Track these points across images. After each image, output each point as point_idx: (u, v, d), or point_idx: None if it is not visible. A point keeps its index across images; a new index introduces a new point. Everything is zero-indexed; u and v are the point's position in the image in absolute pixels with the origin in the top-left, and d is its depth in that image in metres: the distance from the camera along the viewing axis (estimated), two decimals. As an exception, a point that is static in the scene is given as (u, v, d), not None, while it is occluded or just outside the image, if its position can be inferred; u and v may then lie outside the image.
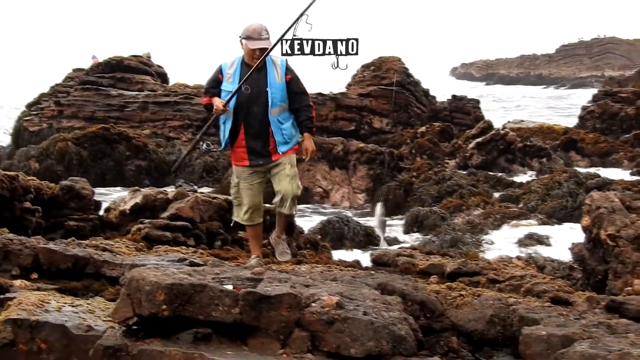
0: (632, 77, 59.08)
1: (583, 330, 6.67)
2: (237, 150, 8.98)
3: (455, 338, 7.42)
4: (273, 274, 6.90)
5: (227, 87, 8.79)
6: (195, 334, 5.53)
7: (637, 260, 8.72)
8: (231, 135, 8.88)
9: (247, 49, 8.70)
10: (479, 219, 18.68)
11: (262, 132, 8.83)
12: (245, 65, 8.79)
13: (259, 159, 8.94)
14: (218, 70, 8.96)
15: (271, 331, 5.68)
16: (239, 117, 8.81)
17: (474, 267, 9.51)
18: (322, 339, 5.75)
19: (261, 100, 8.74)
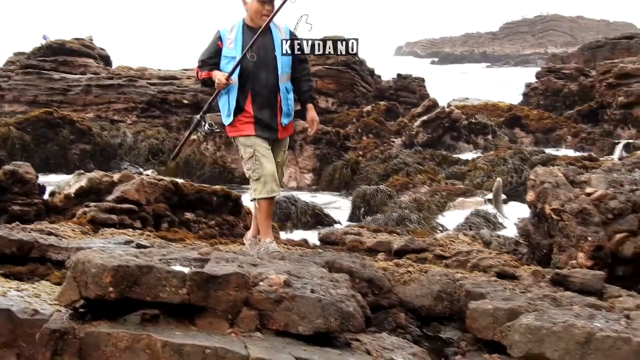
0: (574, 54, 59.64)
1: (529, 303, 6.75)
2: (242, 120, 8.17)
3: (402, 314, 7.48)
4: (220, 254, 6.88)
5: (229, 53, 8.10)
6: (142, 316, 5.49)
7: (581, 233, 8.82)
8: (236, 104, 8.14)
9: (256, 6, 8.05)
10: (426, 197, 18.78)
11: (271, 101, 8.16)
12: (247, 29, 8.15)
13: (266, 131, 8.20)
14: (216, 37, 8.23)
15: (219, 311, 5.66)
16: (246, 84, 8.09)
17: (421, 243, 9.58)
18: (270, 318, 5.75)
19: (270, 66, 8.11)
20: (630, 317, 6.34)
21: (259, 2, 8.01)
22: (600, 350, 5.51)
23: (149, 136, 29.49)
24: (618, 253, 8.83)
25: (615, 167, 10.28)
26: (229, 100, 8.15)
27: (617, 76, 29.90)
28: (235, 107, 8.11)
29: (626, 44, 52.30)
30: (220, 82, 7.93)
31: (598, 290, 7.66)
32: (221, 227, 11.11)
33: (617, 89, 29.53)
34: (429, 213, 17.05)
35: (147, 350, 5.15)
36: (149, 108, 35.27)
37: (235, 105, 8.10)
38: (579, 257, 8.76)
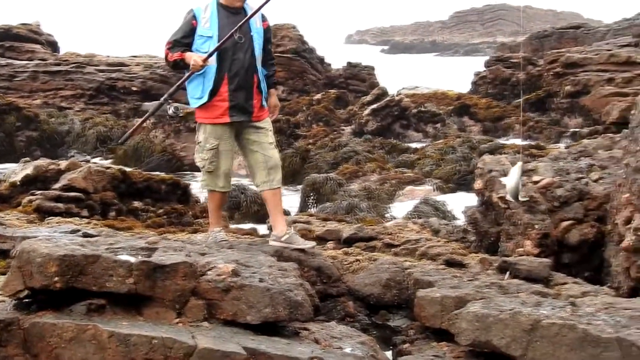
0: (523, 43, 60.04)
1: (476, 291, 6.80)
2: (216, 105, 7.79)
3: (351, 302, 7.51)
4: (168, 242, 6.83)
5: (204, 32, 7.75)
6: (88, 306, 5.44)
7: (528, 221, 8.90)
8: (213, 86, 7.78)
9: None
10: (375, 185, 18.81)
11: (248, 82, 7.83)
12: (222, 8, 7.84)
13: (241, 114, 7.85)
14: (191, 16, 7.85)
15: (166, 300, 5.63)
16: (223, 65, 7.75)
17: (370, 232, 9.61)
18: (218, 307, 5.73)
19: (246, 46, 7.80)
20: (576, 304, 6.40)
21: None
22: (546, 338, 5.56)
23: (97, 123, 29.18)
24: (564, 241, 8.93)
25: (562, 155, 10.38)
26: (204, 82, 7.77)
27: (564, 65, 30.16)
28: (212, 88, 7.76)
29: (573, 33, 52.80)
30: (196, 63, 7.57)
31: (544, 277, 7.74)
32: (170, 216, 11.06)
33: (564, 78, 29.78)
34: (379, 201, 17.06)
35: (93, 340, 5.10)
36: (97, 95, 34.94)
37: (212, 87, 7.76)
38: (526, 244, 8.85)
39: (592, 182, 9.32)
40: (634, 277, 7.53)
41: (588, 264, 8.95)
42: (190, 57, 7.67)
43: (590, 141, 11.18)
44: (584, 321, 5.70)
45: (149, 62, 35.39)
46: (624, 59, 28.34)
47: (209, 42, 7.71)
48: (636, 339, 5.33)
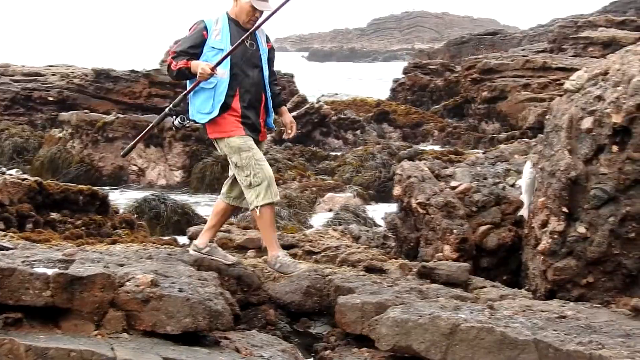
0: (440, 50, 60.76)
1: (396, 296, 6.86)
2: (228, 118, 7.48)
3: (272, 310, 7.50)
4: (86, 254, 6.77)
5: (216, 44, 7.48)
6: (5, 320, 5.36)
7: (446, 227, 8.98)
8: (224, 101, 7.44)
9: (248, 8, 7.55)
10: (296, 193, 18.82)
11: (257, 100, 7.61)
12: (233, 23, 7.61)
13: (252, 132, 7.56)
14: (201, 27, 7.57)
15: (85, 312, 5.58)
16: (234, 81, 7.46)
17: (290, 239, 9.63)
18: (137, 318, 5.70)
19: (256, 64, 7.62)
20: (494, 308, 6.50)
21: (251, 8, 7.55)
22: (465, 341, 5.63)
23: (13, 134, 28.62)
24: (482, 245, 9.03)
25: (479, 160, 10.51)
26: (215, 95, 7.43)
27: (481, 71, 30.49)
28: (222, 103, 7.42)
29: (490, 39, 53.59)
30: (204, 72, 7.22)
31: (463, 282, 7.84)
32: (88, 227, 10.90)
33: (481, 84, 30.11)
34: (299, 209, 17.08)
35: (10, 355, 5.03)
36: (12, 105, 34.27)
37: (223, 101, 7.42)
38: (445, 249, 8.93)
39: (509, 187, 9.45)
40: (550, 279, 7.65)
41: (506, 267, 9.07)
42: (197, 65, 7.33)
43: (507, 146, 11.35)
44: (502, 324, 5.79)
45: (65, 72, 34.83)
46: (540, 64, 28.77)
47: (220, 55, 7.40)
48: (553, 341, 5.43)
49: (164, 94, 33.15)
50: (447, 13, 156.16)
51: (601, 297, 7.41)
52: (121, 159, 22.94)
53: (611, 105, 7.33)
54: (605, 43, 30.04)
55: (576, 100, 7.84)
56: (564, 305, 6.76)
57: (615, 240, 7.29)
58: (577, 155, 7.57)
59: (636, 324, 6.18)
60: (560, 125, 7.88)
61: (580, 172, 7.49)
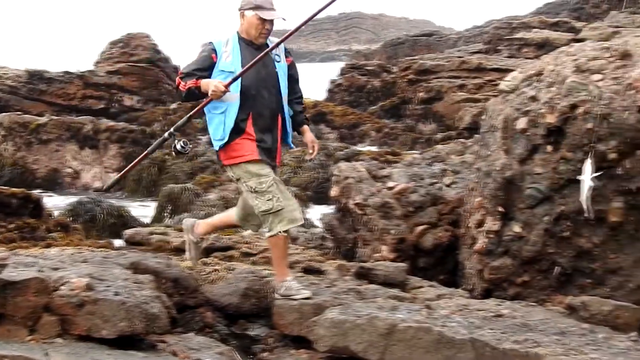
0: (377, 51, 60.98)
1: (334, 297, 6.86)
2: (242, 143, 7.12)
3: (210, 313, 7.45)
4: (19, 258, 6.66)
5: (226, 67, 7.10)
6: None
7: (383, 227, 9.01)
8: (235, 126, 7.09)
9: (255, 21, 7.17)
10: (233, 194, 18.74)
11: (273, 124, 7.25)
12: (244, 42, 7.25)
13: (268, 157, 7.20)
14: (210, 49, 7.21)
15: (18, 317, 5.49)
16: (246, 104, 7.08)
17: (227, 241, 9.58)
18: (72, 322, 5.62)
19: (271, 84, 7.22)
20: (431, 307, 6.54)
21: (259, 20, 7.17)
22: (403, 341, 5.64)
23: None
24: (419, 245, 9.06)
25: (416, 161, 10.55)
26: (225, 121, 7.10)
27: (418, 72, 30.68)
28: (233, 128, 7.06)
29: (426, 41, 53.90)
30: (217, 89, 6.83)
31: (401, 282, 7.86)
32: (22, 231, 10.76)
33: (418, 84, 30.30)
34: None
35: (-60, 362, 4.93)
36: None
37: (234, 126, 7.06)
38: (382, 250, 8.96)
39: (446, 187, 9.51)
40: (487, 278, 7.72)
41: (443, 267, 9.11)
42: (208, 83, 6.95)
43: (443, 146, 11.40)
44: (439, 324, 5.82)
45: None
46: (475, 65, 29.04)
47: (231, 78, 7.01)
48: (489, 339, 5.47)
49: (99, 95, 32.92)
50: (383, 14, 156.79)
51: (536, 295, 7.50)
52: (56, 162, 22.68)
53: (545, 106, 7.42)
54: (539, 44, 30.41)
55: (511, 100, 7.91)
56: (500, 304, 6.82)
57: (550, 239, 7.38)
58: (513, 155, 7.64)
59: (571, 322, 6.25)
60: (495, 125, 7.95)
61: (516, 171, 7.56)
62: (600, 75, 7.44)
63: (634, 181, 7.13)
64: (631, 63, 7.50)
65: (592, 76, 7.44)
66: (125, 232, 10.77)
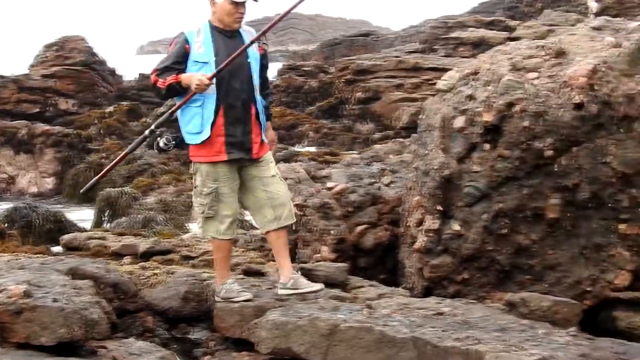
0: (314, 51, 61.03)
1: (275, 299, 6.84)
2: (214, 140, 6.86)
3: (150, 317, 7.40)
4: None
5: (199, 57, 6.83)
6: None
7: (323, 227, 9.01)
8: None
9: (227, 6, 6.87)
10: (172, 197, 18.66)
11: (244, 115, 6.93)
12: (216, 31, 6.95)
13: (240, 151, 6.92)
14: (183, 40, 6.91)
15: (-46, 327, 5.40)
16: (218, 95, 6.81)
17: (167, 245, 9.52)
18: (10, 330, 5.54)
19: (243, 74, 6.92)
20: (372, 307, 6.55)
21: (231, 4, 6.89)
22: (344, 341, 5.65)
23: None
24: (360, 245, 9.08)
25: (354, 161, 10.58)
26: (203, 114, 6.85)
27: (355, 72, 30.77)
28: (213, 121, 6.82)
29: (363, 41, 54.10)
30: (201, 82, 6.60)
31: (342, 282, 7.87)
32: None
33: (355, 84, 30.39)
34: (176, 214, 16.93)
35: None
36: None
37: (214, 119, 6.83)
38: (323, 250, 8.96)
39: (384, 187, 9.54)
40: (427, 277, 7.76)
41: (383, 266, 9.14)
42: (190, 77, 6.73)
43: (382, 146, 11.45)
44: (381, 323, 5.84)
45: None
46: (412, 64, 29.21)
47: (205, 68, 6.80)
48: (430, 338, 5.49)
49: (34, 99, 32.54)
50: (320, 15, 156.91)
51: (476, 292, 7.56)
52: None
53: (482, 104, 7.48)
54: (475, 43, 30.71)
55: (448, 99, 7.97)
56: (441, 302, 6.85)
57: (489, 237, 7.44)
58: (450, 154, 7.69)
59: (510, 318, 6.30)
60: (433, 124, 8.00)
61: (454, 170, 7.61)
62: (535, 73, 7.53)
63: (570, 178, 7.22)
64: (566, 61, 7.60)
65: (527, 74, 7.53)
66: (62, 238, 10.63)
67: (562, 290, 7.29)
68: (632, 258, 7.34)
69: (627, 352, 5.36)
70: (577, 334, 5.82)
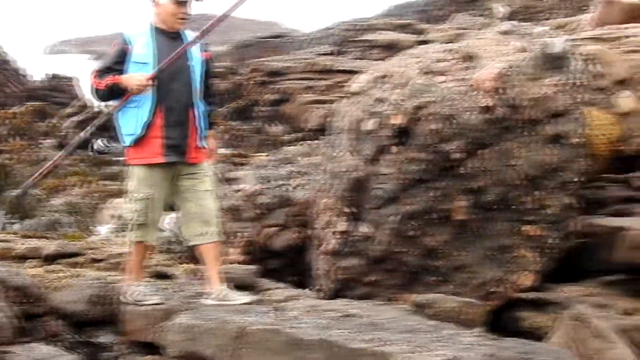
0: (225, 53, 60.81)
1: (183, 302, 6.78)
2: (151, 142, 6.66)
3: (56, 321, 7.26)
4: None
5: (140, 58, 6.65)
6: None
7: (234, 230, 8.99)
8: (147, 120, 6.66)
9: (171, 6, 6.73)
10: (79, 199, 18.43)
11: (183, 119, 6.72)
12: (159, 32, 6.79)
13: (176, 154, 6.70)
14: (122, 41, 6.73)
15: None
16: (157, 96, 6.62)
17: (73, 247, 9.37)
18: None
19: (183, 76, 6.75)
20: (281, 309, 6.53)
21: (174, 4, 6.76)
22: (253, 344, 5.62)
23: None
24: (269, 247, 9.09)
25: (264, 163, 10.57)
26: (139, 114, 6.66)
27: (266, 74, 30.80)
28: (148, 121, 6.63)
29: (274, 42, 54.06)
30: (140, 83, 6.47)
31: (251, 284, 7.84)
32: None
33: (266, 86, 30.40)
34: (82, 216, 16.70)
35: None
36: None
37: (148, 119, 6.64)
38: (233, 252, 8.93)
39: (294, 189, 9.55)
40: (335, 279, 7.78)
41: (293, 268, 9.15)
42: (129, 78, 6.56)
43: (292, 148, 11.46)
44: (289, 325, 5.82)
45: None
46: (323, 67, 29.34)
47: (145, 69, 6.62)
48: (338, 339, 5.49)
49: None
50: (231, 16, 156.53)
51: (385, 294, 7.60)
52: None
53: (392, 107, 7.53)
54: (387, 46, 30.94)
55: (359, 102, 8.00)
56: (349, 304, 6.87)
57: (397, 239, 7.49)
58: (360, 157, 7.72)
59: (417, 319, 6.35)
60: (343, 127, 8.03)
61: (363, 172, 7.65)
62: (444, 76, 7.61)
63: (478, 180, 7.33)
64: (474, 65, 7.71)
65: (437, 78, 7.61)
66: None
67: (468, 291, 7.39)
68: (536, 259, 7.49)
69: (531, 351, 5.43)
70: (483, 335, 5.88)
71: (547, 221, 7.55)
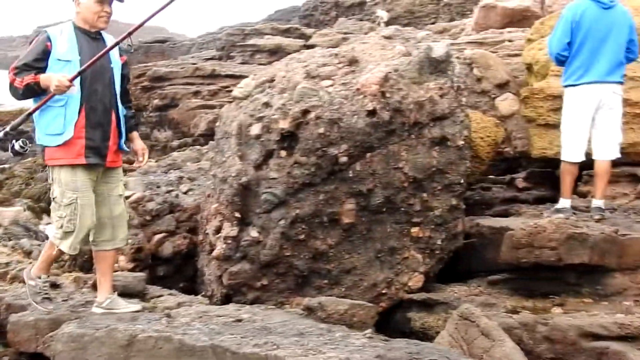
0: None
1: (71, 311, 6.71)
2: (74, 142, 6.49)
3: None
4: None
5: (63, 55, 6.51)
6: None
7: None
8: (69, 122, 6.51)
9: (92, 5, 6.66)
10: None
11: (105, 120, 6.66)
12: (80, 31, 6.68)
13: (97, 157, 6.60)
14: (44, 38, 6.57)
15: None
16: (80, 96, 6.51)
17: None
18: None
19: (105, 78, 6.70)
20: (172, 316, 6.51)
21: (96, 3, 6.68)
22: (144, 351, 5.59)
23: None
24: (158, 253, 9.02)
25: (152, 169, 10.48)
26: (66, 114, 6.51)
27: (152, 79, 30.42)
28: (76, 121, 6.50)
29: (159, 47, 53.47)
30: (61, 84, 6.29)
31: (140, 291, 7.77)
32: None
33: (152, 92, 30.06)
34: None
35: None
36: None
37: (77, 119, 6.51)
38: (120, 260, 8.83)
39: (183, 194, 9.51)
40: (226, 284, 7.76)
41: (183, 274, 9.11)
42: (50, 77, 6.39)
43: (180, 154, 11.40)
44: (180, 331, 5.81)
45: None
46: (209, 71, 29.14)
47: (68, 67, 6.50)
48: (230, 345, 5.50)
49: None
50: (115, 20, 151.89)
51: (276, 298, 7.63)
52: None
53: (278, 112, 7.56)
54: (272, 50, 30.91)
55: (245, 107, 8.01)
56: (240, 309, 6.87)
57: (287, 243, 7.53)
58: (248, 161, 7.73)
59: (308, 323, 6.39)
60: (230, 132, 8.02)
61: (251, 177, 7.66)
62: (330, 81, 7.68)
63: (365, 183, 7.41)
64: (359, 69, 7.79)
65: (322, 82, 7.67)
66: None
67: (358, 293, 7.48)
68: (425, 260, 7.62)
69: (421, 352, 5.52)
70: (373, 336, 5.96)
71: (433, 223, 7.70)
